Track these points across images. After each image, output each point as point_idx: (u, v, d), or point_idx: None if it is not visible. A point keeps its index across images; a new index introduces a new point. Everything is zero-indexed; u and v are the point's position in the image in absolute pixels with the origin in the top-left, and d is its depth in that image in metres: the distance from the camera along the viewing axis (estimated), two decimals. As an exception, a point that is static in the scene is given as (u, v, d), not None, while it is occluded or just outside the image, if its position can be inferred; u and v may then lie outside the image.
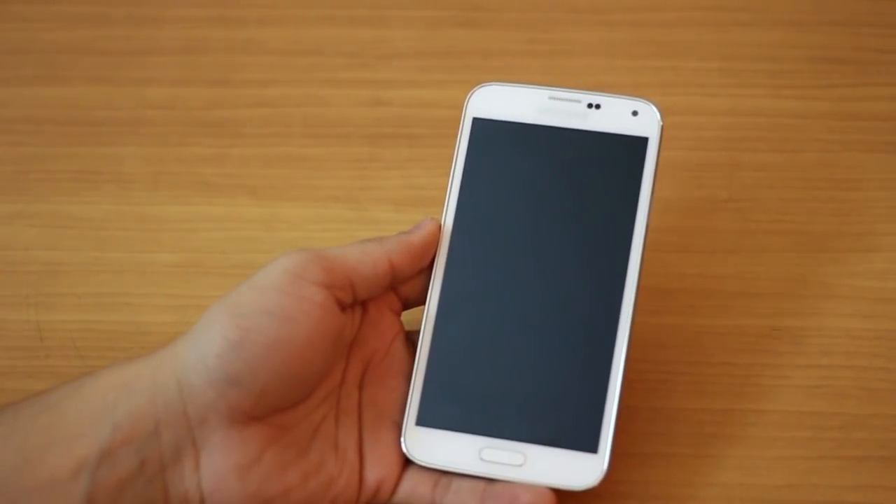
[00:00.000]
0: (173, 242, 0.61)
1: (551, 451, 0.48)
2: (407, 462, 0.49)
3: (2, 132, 0.65)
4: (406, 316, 0.52)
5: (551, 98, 0.52)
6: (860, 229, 0.60)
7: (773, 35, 0.68)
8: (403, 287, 0.51)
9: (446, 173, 0.53)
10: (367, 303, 0.51)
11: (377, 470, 0.48)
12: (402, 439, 0.49)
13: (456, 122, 0.53)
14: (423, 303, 0.51)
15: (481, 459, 0.48)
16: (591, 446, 0.48)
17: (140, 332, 0.57)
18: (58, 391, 0.46)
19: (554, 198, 0.51)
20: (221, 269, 0.60)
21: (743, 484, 0.52)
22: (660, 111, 0.52)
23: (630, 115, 0.52)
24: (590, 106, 0.52)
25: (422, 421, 0.49)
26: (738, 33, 0.68)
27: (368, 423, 0.49)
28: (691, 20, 0.69)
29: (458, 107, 0.53)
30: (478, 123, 0.53)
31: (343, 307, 0.49)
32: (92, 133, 0.65)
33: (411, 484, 0.49)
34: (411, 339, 0.52)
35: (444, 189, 0.53)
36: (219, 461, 0.45)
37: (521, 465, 0.48)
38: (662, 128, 0.52)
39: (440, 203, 0.52)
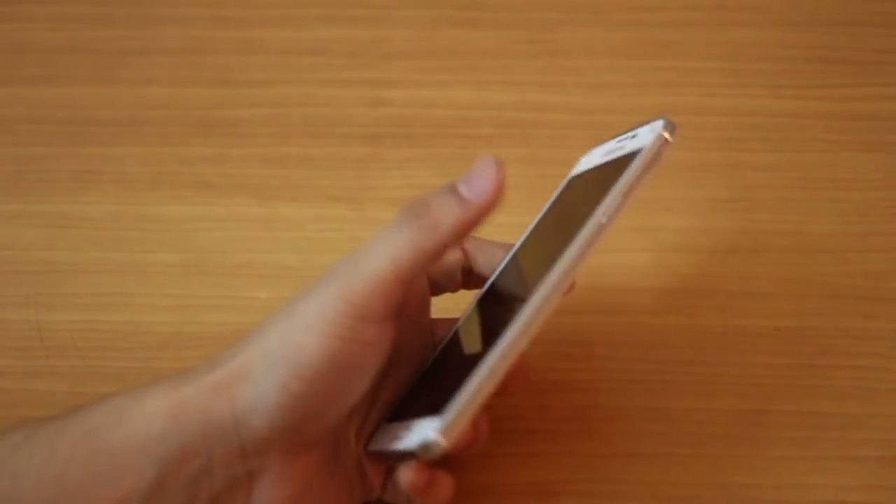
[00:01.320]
0: (173, 242, 0.61)
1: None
2: None
3: (2, 132, 0.65)
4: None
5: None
6: (860, 229, 0.60)
7: (773, 35, 0.68)
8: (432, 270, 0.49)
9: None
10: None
11: (372, 468, 0.48)
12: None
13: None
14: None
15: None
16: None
17: (140, 332, 0.57)
18: (98, 413, 0.43)
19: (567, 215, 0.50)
20: (221, 269, 0.60)
21: (743, 484, 0.52)
22: (667, 127, 0.49)
23: (650, 132, 0.50)
24: (631, 137, 0.50)
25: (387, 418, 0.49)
26: (738, 33, 0.68)
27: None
28: (691, 20, 0.69)
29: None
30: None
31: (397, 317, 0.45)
32: (92, 133, 0.65)
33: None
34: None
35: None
36: (271, 494, 0.44)
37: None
38: (663, 141, 0.49)
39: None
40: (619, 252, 0.59)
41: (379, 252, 0.43)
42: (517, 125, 0.65)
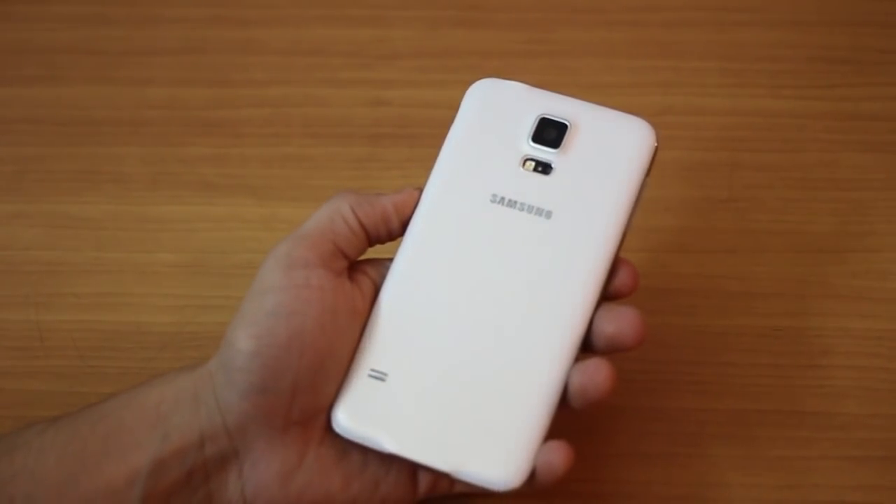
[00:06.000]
0: (173, 242, 0.61)
1: None
2: None
3: (2, 132, 0.65)
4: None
5: None
6: (860, 229, 0.60)
7: (773, 35, 0.68)
8: None
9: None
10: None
11: None
12: None
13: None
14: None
15: None
16: None
17: (140, 332, 0.57)
18: (115, 400, 0.47)
19: None
20: (221, 269, 0.60)
21: (743, 484, 0.52)
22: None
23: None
24: None
25: None
26: (738, 33, 0.68)
27: None
28: (691, 20, 0.69)
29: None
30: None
31: (347, 274, 0.48)
32: (92, 133, 0.65)
33: None
34: None
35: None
36: (260, 470, 0.46)
37: None
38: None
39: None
40: (619, 252, 0.59)
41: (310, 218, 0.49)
42: (517, 125, 0.65)
